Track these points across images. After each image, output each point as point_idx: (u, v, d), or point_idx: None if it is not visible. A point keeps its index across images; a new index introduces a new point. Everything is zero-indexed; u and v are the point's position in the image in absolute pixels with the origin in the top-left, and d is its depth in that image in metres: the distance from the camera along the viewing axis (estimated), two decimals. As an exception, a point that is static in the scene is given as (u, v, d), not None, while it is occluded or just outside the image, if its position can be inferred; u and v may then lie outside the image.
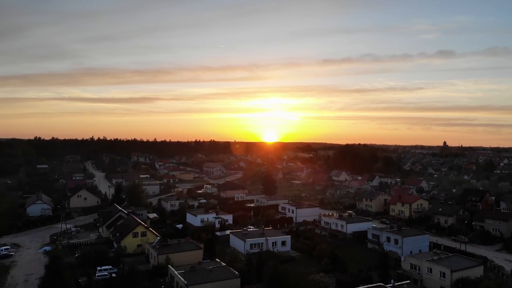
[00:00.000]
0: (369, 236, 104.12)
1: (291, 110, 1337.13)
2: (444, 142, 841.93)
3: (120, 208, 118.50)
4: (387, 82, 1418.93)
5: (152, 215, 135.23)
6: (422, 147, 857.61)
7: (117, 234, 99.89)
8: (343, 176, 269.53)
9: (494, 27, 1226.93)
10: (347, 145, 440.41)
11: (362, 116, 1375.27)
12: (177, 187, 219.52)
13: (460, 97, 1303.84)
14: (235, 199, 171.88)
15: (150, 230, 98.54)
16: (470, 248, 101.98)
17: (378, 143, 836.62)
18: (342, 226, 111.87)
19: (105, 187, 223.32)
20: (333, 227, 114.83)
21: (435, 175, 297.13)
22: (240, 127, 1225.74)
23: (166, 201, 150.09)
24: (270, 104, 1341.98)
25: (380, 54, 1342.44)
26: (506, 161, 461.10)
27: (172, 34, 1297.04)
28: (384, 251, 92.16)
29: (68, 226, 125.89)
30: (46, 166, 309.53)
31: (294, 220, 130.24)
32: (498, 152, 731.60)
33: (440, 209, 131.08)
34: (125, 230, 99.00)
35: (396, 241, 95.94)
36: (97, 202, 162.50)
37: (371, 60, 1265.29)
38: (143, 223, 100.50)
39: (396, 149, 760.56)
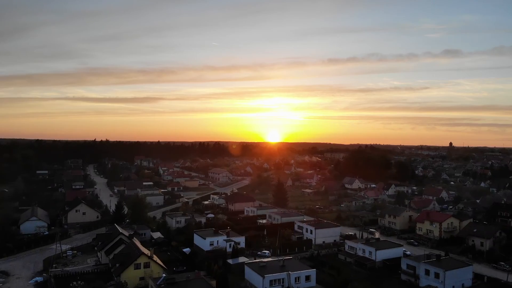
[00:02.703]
0: (403, 267, 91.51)
1: (295, 110, 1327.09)
2: (450, 143, 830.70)
3: (120, 230, 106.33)
4: (392, 81, 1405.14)
5: (156, 235, 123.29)
6: (428, 148, 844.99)
7: (117, 265, 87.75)
8: (356, 183, 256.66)
9: (501, 26, 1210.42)
10: (358, 149, 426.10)
11: (366, 116, 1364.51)
12: (182, 196, 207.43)
13: (465, 97, 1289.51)
14: (245, 213, 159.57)
15: (154, 260, 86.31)
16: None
17: (382, 143, 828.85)
18: (370, 253, 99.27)
19: (107, 196, 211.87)
20: (360, 253, 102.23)
21: (452, 183, 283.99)
22: (244, 127, 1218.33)
23: (171, 217, 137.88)
24: (274, 103, 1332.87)
25: (385, 54, 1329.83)
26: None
27: (177, 33, 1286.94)
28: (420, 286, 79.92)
29: (64, 248, 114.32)
30: (46, 172, 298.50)
31: (313, 242, 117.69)
32: (507, 154, 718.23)
33: (475, 230, 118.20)
34: (126, 260, 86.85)
35: (436, 275, 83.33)
36: (97, 217, 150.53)
37: (377, 60, 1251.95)
38: (147, 252, 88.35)
39: (403, 150, 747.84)
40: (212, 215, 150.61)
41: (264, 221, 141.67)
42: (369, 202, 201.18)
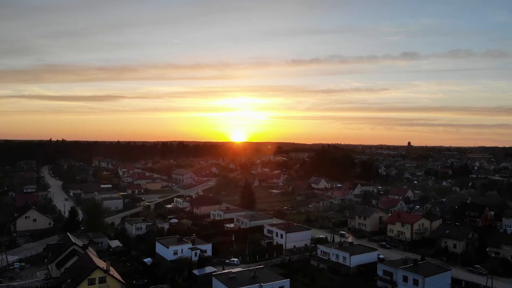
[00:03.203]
0: (380, 273, 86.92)
1: (259, 109, 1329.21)
2: (409, 143, 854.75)
3: (73, 240, 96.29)
4: (353, 83, 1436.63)
5: (115, 243, 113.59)
6: (387, 147, 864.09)
7: (69, 280, 78.22)
8: (322, 183, 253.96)
9: (457, 30, 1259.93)
10: (322, 148, 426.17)
11: (328, 116, 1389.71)
12: (143, 200, 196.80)
13: (422, 98, 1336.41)
14: (211, 217, 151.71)
15: (110, 274, 77.41)
16: (495, 283, 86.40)
17: (343, 143, 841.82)
18: (344, 258, 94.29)
19: (62, 200, 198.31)
20: (333, 258, 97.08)
21: (415, 182, 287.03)
22: (208, 127, 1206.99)
23: (131, 224, 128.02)
24: (239, 103, 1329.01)
25: (347, 55, 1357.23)
26: (477, 163, 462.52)
27: (139, 30, 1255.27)
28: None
29: (11, 259, 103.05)
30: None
31: (284, 247, 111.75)
32: (463, 153, 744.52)
33: (447, 231, 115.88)
34: (79, 275, 77.44)
35: (415, 282, 79.09)
36: (49, 224, 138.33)
37: (338, 61, 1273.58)
38: (102, 265, 79.25)
39: (363, 149, 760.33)
40: (175, 220, 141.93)
41: (232, 225, 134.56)
42: (336, 202, 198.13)
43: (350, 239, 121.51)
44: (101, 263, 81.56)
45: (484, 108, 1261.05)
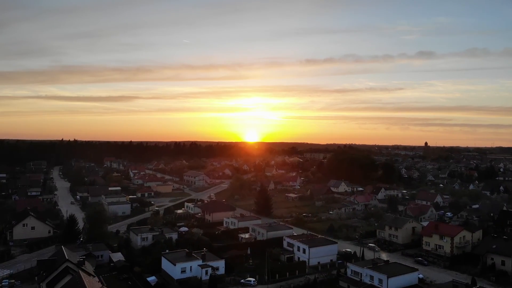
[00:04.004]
0: (425, 301, 72.87)
1: (273, 109, 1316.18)
2: (426, 143, 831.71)
3: (66, 255, 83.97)
4: (368, 82, 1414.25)
5: (117, 257, 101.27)
6: (404, 147, 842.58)
7: (56, 308, 66.04)
8: (343, 187, 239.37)
9: (474, 29, 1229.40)
10: (341, 149, 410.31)
11: (342, 116, 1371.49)
12: (153, 204, 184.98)
13: (438, 98, 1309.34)
14: (224, 224, 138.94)
15: (105, 302, 64.93)
16: None
17: (357, 143, 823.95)
18: (380, 281, 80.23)
19: (67, 204, 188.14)
20: (366, 280, 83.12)
21: (441, 185, 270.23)
22: (221, 127, 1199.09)
23: (136, 233, 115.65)
24: (252, 103, 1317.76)
25: (362, 55, 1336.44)
26: (501, 165, 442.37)
27: (154, 31, 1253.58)
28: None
29: (2, 274, 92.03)
30: (4, 175, 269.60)
31: (307, 263, 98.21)
32: (483, 153, 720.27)
33: (494, 246, 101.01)
34: (67, 301, 65.24)
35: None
36: (49, 232, 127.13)
37: (353, 61, 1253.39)
38: (96, 290, 66.86)
39: (380, 150, 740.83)
40: (185, 229, 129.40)
41: (247, 235, 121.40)
42: (359, 208, 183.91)
43: (383, 256, 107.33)
44: (95, 286, 69.25)
45: (501, 107, 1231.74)
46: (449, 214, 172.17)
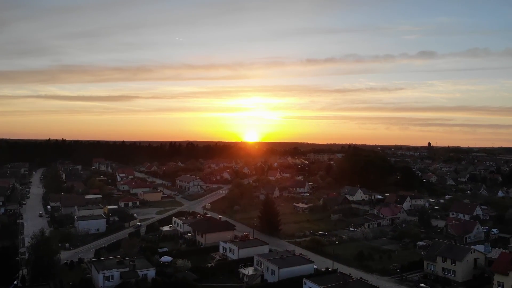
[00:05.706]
0: None
1: (272, 109, 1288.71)
2: (429, 143, 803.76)
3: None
4: (368, 82, 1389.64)
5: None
6: (407, 147, 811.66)
7: None
8: (359, 194, 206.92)
9: (475, 29, 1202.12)
10: (354, 150, 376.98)
11: (342, 116, 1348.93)
12: (135, 217, 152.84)
13: (438, 98, 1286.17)
14: (220, 251, 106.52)
15: None
16: None
17: (356, 143, 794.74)
18: None
19: (34, 217, 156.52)
20: None
21: (468, 191, 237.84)
22: (221, 127, 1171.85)
23: (98, 270, 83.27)
24: (252, 103, 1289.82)
25: (362, 55, 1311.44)
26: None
27: (154, 31, 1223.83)
28: None
29: None
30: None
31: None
32: (492, 154, 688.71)
33: None
34: None
35: None
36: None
37: (354, 60, 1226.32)
38: None
39: (382, 150, 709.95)
40: (169, 258, 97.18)
41: (251, 270, 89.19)
42: (385, 223, 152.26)
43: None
44: None
45: (502, 108, 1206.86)
46: (494, 230, 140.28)
